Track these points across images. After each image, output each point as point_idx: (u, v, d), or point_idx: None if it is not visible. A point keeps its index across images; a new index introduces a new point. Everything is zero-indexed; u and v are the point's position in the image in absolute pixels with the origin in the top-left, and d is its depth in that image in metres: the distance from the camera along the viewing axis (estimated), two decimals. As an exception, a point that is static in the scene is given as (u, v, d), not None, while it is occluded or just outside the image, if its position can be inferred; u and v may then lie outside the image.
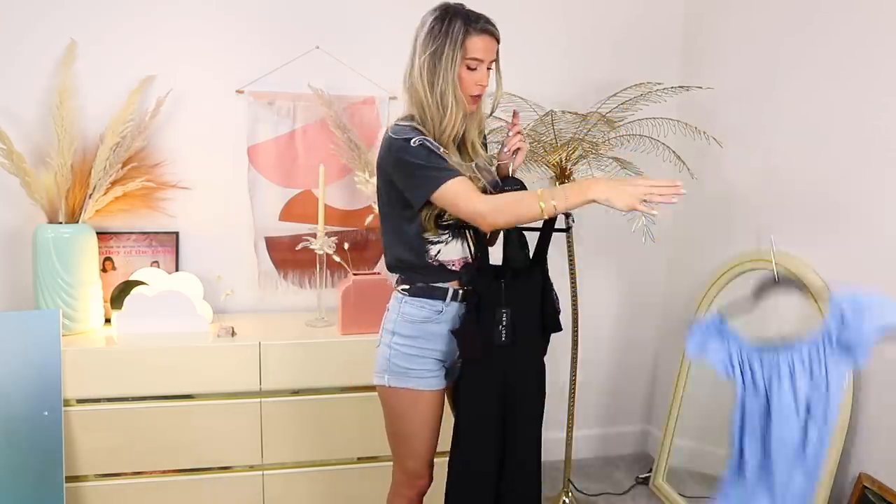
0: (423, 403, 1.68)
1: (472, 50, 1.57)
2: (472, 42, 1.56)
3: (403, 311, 1.69)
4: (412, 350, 1.67)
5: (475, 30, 1.56)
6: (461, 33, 1.56)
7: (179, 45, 2.45)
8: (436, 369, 1.69)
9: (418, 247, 1.66)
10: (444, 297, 1.67)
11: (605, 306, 2.99)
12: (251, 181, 2.54)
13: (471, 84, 1.60)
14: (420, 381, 1.67)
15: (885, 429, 1.93)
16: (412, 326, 1.67)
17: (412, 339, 1.67)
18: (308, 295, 2.64)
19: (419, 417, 1.69)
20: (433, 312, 1.67)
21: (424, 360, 1.67)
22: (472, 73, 1.59)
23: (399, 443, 1.75)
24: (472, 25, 1.56)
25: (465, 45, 1.56)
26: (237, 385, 2.21)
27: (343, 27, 2.54)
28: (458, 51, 1.56)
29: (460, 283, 1.69)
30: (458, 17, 1.57)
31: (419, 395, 1.67)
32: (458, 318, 1.69)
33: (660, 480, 2.71)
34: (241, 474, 2.26)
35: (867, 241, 1.99)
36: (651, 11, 2.83)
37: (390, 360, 1.68)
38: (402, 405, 1.69)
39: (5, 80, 2.33)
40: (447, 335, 1.69)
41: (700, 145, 2.47)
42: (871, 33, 1.98)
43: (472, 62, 1.58)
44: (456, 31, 1.55)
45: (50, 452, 2.07)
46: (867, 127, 1.99)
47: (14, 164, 2.21)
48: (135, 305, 2.25)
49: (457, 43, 1.56)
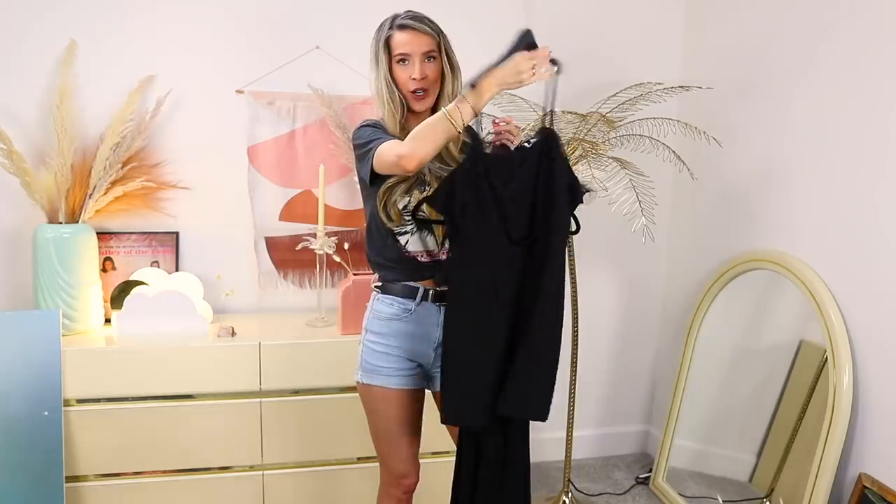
0: (395, 401, 1.70)
1: (395, 46, 1.64)
2: (394, 39, 1.63)
3: (375, 307, 1.72)
4: (381, 347, 1.69)
5: (396, 27, 1.64)
6: (385, 33, 1.64)
7: (179, 45, 2.45)
8: (405, 368, 1.70)
9: (391, 242, 1.68)
10: (415, 297, 1.68)
11: (605, 306, 2.99)
12: (251, 181, 2.54)
13: (404, 79, 1.64)
14: (389, 378, 1.69)
15: (885, 429, 1.93)
16: (381, 323, 1.70)
17: (381, 336, 1.70)
18: (308, 295, 2.64)
19: (392, 415, 1.71)
20: (402, 310, 1.69)
21: (393, 358, 1.69)
22: (404, 67, 1.64)
23: (379, 441, 1.76)
24: (395, 23, 1.64)
25: (390, 44, 1.64)
26: (237, 385, 2.21)
27: (343, 27, 2.54)
28: (384, 49, 1.64)
29: (434, 282, 1.70)
30: (389, 19, 1.66)
31: (389, 392, 1.69)
32: (428, 321, 1.68)
33: (660, 480, 2.71)
34: (241, 474, 2.26)
35: (867, 241, 1.99)
36: (651, 11, 2.83)
37: (363, 357, 1.72)
38: (375, 402, 1.72)
39: (5, 80, 2.33)
40: (418, 335, 1.69)
41: (700, 145, 2.47)
42: (872, 33, 1.98)
43: (398, 57, 1.63)
44: (384, 32, 1.65)
45: (50, 452, 2.07)
46: (867, 126, 1.99)
47: (14, 164, 2.21)
48: (135, 305, 2.25)
49: (380, 43, 1.65)
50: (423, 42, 1.63)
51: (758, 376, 2.43)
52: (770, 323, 2.42)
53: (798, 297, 2.19)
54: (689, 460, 2.66)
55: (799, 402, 2.21)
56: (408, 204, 1.65)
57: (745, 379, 2.47)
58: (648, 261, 2.97)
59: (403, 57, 1.63)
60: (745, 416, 2.46)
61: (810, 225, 2.20)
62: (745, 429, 2.46)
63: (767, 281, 2.34)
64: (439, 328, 1.68)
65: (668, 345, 2.98)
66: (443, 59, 1.66)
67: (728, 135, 2.51)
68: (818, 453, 2.00)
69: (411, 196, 1.65)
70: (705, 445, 2.62)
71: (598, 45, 2.80)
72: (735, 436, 2.52)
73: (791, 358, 2.27)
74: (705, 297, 2.60)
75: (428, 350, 1.71)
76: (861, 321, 2.00)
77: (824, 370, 2.07)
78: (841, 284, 2.07)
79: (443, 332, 1.60)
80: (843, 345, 2.01)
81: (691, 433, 2.66)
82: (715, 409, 2.59)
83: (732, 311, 2.53)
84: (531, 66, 1.47)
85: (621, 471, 2.94)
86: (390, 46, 1.63)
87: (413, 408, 1.74)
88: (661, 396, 3.02)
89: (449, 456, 2.28)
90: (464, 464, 1.67)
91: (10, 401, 2.06)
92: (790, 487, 2.18)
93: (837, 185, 2.10)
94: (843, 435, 1.97)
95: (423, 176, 1.66)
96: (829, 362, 2.03)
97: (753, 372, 2.45)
